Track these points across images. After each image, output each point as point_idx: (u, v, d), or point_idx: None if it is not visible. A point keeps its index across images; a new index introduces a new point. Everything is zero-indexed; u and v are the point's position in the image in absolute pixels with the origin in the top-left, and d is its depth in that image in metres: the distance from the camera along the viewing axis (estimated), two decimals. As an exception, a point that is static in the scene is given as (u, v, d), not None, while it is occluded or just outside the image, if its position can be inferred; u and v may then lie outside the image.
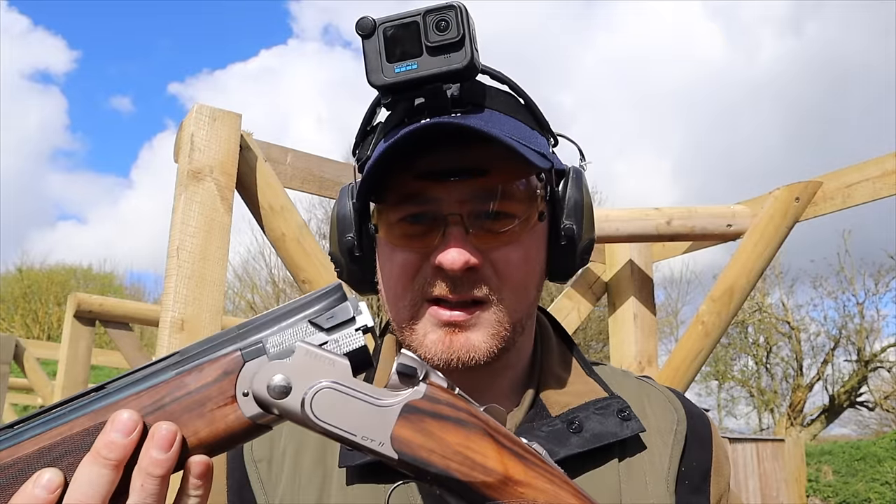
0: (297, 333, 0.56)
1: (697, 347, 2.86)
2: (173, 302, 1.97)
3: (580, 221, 0.79)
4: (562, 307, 3.32)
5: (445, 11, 0.70)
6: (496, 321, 0.75)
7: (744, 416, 20.36)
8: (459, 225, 0.73)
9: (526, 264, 0.77)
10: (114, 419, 0.52)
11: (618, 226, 2.79)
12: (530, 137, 0.77)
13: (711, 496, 0.81)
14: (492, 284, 0.74)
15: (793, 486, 13.37)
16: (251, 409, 0.55)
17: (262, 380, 0.55)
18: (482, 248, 0.74)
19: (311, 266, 2.27)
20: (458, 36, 0.69)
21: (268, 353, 0.55)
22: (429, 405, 0.55)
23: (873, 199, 2.61)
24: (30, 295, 19.17)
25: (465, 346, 0.74)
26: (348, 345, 0.56)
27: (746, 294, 2.88)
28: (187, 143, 2.08)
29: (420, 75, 0.71)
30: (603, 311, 10.81)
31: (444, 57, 0.70)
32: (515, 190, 0.74)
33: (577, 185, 0.80)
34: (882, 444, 14.20)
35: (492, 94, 0.77)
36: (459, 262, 0.71)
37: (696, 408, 0.86)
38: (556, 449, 0.74)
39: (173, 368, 0.56)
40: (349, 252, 0.82)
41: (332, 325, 0.56)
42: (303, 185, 2.44)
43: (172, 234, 2.04)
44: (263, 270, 18.51)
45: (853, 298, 18.45)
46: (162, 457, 0.52)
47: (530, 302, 0.79)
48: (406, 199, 0.75)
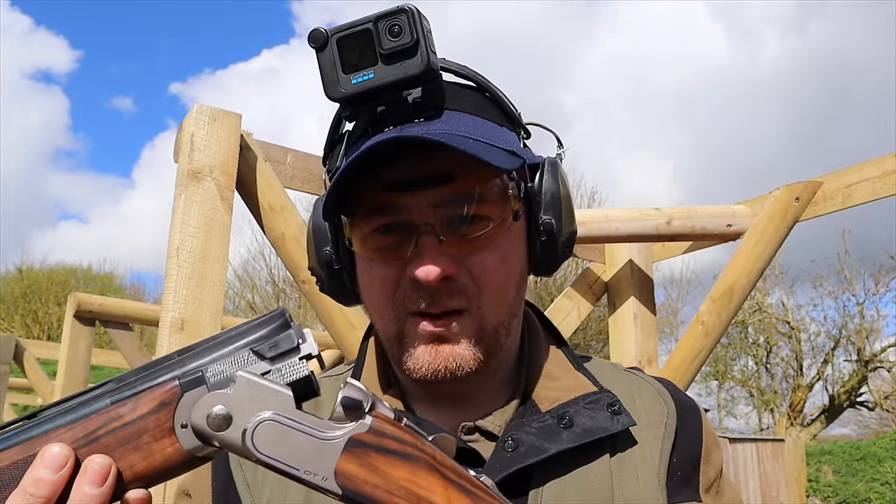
0: (238, 362, 0.54)
1: (697, 347, 2.87)
2: (173, 302, 1.98)
3: (558, 214, 0.78)
4: (562, 307, 3.32)
5: (397, 16, 0.68)
6: (479, 328, 0.74)
7: (744, 416, 20.39)
8: (432, 234, 0.71)
9: (503, 266, 0.75)
10: (43, 454, 0.50)
11: (618, 226, 2.79)
12: (498, 135, 0.76)
13: (700, 485, 0.81)
14: (469, 292, 0.73)
15: (793, 486, 13.37)
16: (190, 441, 0.53)
17: (202, 411, 0.52)
18: (457, 256, 0.72)
19: (311, 266, 2.27)
20: (412, 41, 0.68)
21: (207, 383, 0.53)
22: (374, 439, 0.53)
23: (873, 199, 2.61)
24: (30, 295, 19.17)
25: (451, 356, 0.73)
26: (292, 374, 0.54)
27: (746, 294, 2.88)
28: (187, 143, 2.08)
29: (377, 84, 0.69)
30: (603, 311, 10.81)
31: (399, 64, 0.68)
32: (486, 193, 0.73)
33: (553, 176, 0.79)
34: (882, 444, 14.20)
35: (455, 94, 0.76)
36: (434, 274, 0.70)
37: (686, 398, 0.86)
38: (547, 445, 0.73)
39: (109, 396, 0.53)
40: (328, 265, 0.81)
41: (274, 353, 0.54)
42: (303, 185, 2.44)
43: (172, 234, 2.04)
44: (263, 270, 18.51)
45: (853, 298, 18.47)
46: (94, 492, 0.50)
47: (511, 303, 0.78)
48: (375, 212, 0.74)
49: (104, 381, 0.55)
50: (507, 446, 0.74)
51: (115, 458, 0.51)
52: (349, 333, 2.25)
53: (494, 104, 0.79)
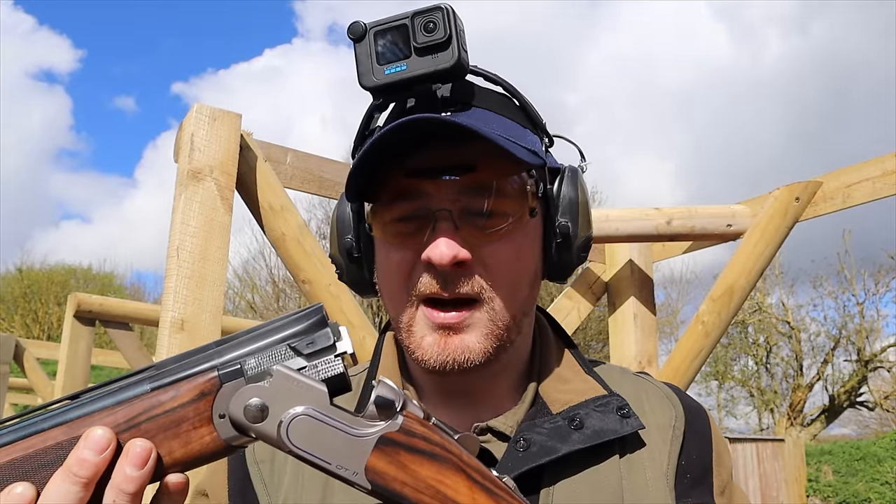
0: (275, 356, 0.56)
1: (697, 347, 2.87)
2: (173, 302, 1.98)
3: (575, 219, 0.79)
4: (562, 307, 3.32)
5: (433, 13, 0.72)
6: (489, 320, 0.75)
7: (744, 416, 20.38)
8: (449, 221, 0.73)
9: (518, 261, 0.77)
10: (87, 436, 0.52)
11: (618, 226, 2.79)
12: (521, 135, 0.78)
13: (715, 487, 0.82)
14: (483, 282, 0.74)
15: (793, 486, 13.37)
16: (227, 431, 0.55)
17: (239, 403, 0.54)
18: (472, 245, 0.74)
19: (311, 266, 2.27)
20: (445, 36, 0.71)
21: (245, 376, 0.55)
22: (404, 438, 0.55)
23: (873, 199, 2.61)
24: (30, 295, 19.17)
25: (460, 347, 0.74)
26: (327, 371, 0.56)
27: (746, 294, 2.88)
28: (187, 143, 2.08)
29: (409, 76, 0.72)
30: (603, 311, 10.81)
31: (431, 57, 0.72)
32: (505, 186, 0.74)
33: (573, 182, 0.80)
34: (882, 444, 14.20)
35: (482, 93, 0.78)
36: (448, 256, 0.71)
37: (693, 402, 0.87)
38: (558, 445, 0.74)
39: (149, 382, 0.55)
40: (348, 253, 0.83)
41: (311, 350, 0.56)
42: (303, 185, 2.44)
43: (172, 234, 2.04)
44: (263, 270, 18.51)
45: (853, 298, 18.47)
46: (135, 474, 0.52)
47: (524, 300, 0.79)
48: (397, 198, 0.76)
49: (143, 367, 0.57)
50: (519, 446, 0.75)
51: (155, 444, 0.53)
52: (349, 333, 2.24)
53: (520, 108, 0.81)
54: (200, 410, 0.54)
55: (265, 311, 18.01)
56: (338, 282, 0.89)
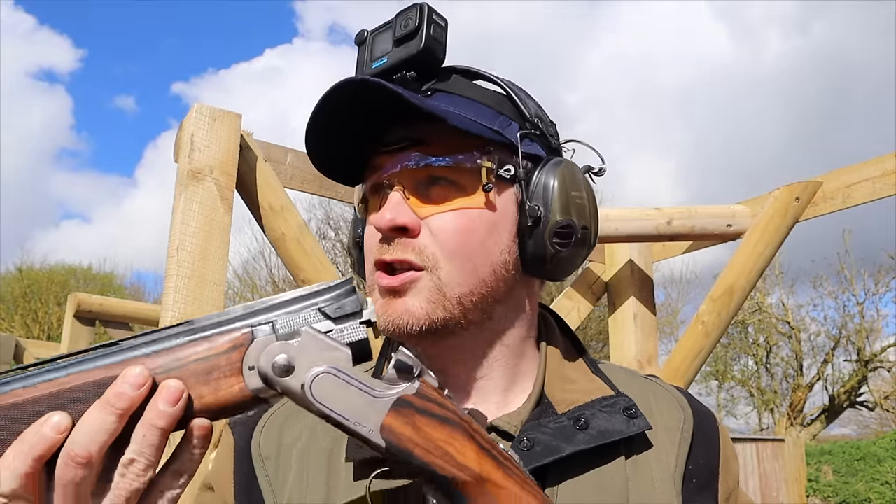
0: (305, 318, 0.59)
1: (697, 347, 2.87)
2: (173, 302, 1.98)
3: (547, 204, 0.79)
4: (562, 307, 3.32)
5: (411, 10, 0.80)
6: (435, 288, 0.76)
7: (744, 416, 20.38)
8: (398, 190, 0.77)
9: (467, 234, 0.76)
10: (125, 373, 0.55)
11: (618, 226, 2.79)
12: (490, 117, 0.79)
13: (720, 494, 0.81)
14: (427, 251, 0.76)
15: (793, 486, 13.37)
16: (255, 383, 0.58)
17: (269, 357, 0.58)
18: (423, 216, 0.77)
19: (311, 266, 2.27)
20: (415, 25, 0.78)
21: (276, 333, 0.59)
22: (419, 401, 0.59)
23: (873, 199, 2.61)
24: (30, 295, 19.16)
25: (402, 310, 0.76)
26: (352, 336, 0.59)
27: (746, 294, 2.88)
28: (187, 143, 2.08)
29: (387, 65, 0.80)
30: (603, 311, 10.81)
31: (404, 47, 0.79)
32: (456, 160, 0.77)
33: (552, 171, 0.80)
34: (882, 444, 14.20)
35: (461, 83, 0.82)
36: (386, 220, 0.75)
37: (702, 406, 0.86)
38: (563, 445, 0.74)
39: (185, 335, 0.59)
40: (357, 245, 0.86)
41: (339, 315, 0.60)
42: (303, 185, 2.45)
43: (172, 234, 2.04)
44: (263, 270, 18.51)
45: (853, 298, 18.46)
46: (168, 410, 0.54)
47: (483, 279, 0.77)
48: (368, 174, 0.82)
49: (180, 322, 0.60)
50: (523, 445, 0.75)
51: (187, 388, 0.57)
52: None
53: (506, 99, 0.83)
54: (232, 361, 0.58)
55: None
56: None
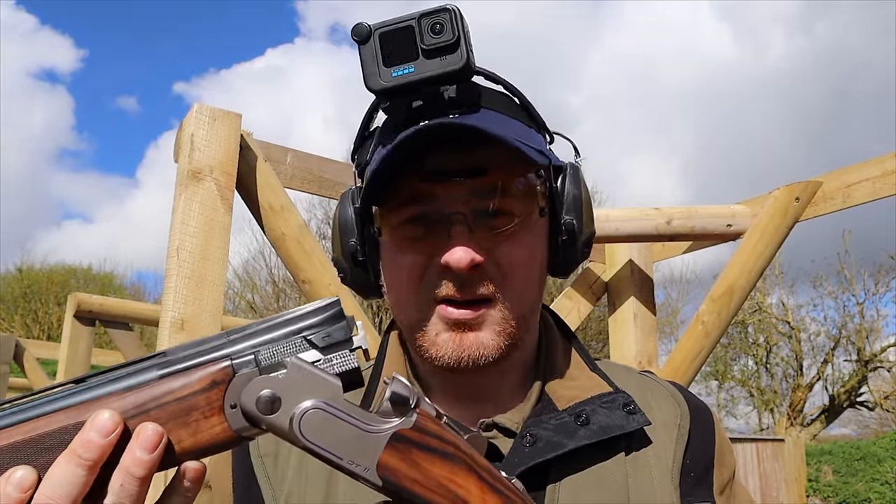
0: (290, 348, 0.55)
1: (697, 347, 2.87)
2: (173, 302, 1.98)
3: (580, 216, 0.81)
4: (562, 307, 3.32)
5: (440, 14, 0.71)
6: (502, 318, 0.76)
7: (744, 416, 20.38)
8: (463, 224, 0.74)
9: (529, 261, 0.78)
10: (94, 419, 0.51)
11: (618, 226, 2.79)
12: (528, 135, 0.79)
13: (715, 487, 0.82)
14: (497, 282, 0.75)
15: (793, 486, 13.38)
16: (238, 422, 0.54)
17: (252, 393, 0.53)
18: (485, 247, 0.74)
19: (311, 266, 2.27)
20: (454, 38, 0.70)
21: (259, 366, 0.54)
22: (417, 436, 0.55)
23: (873, 199, 2.61)
24: (30, 295, 19.16)
25: (475, 343, 0.75)
26: (342, 365, 0.55)
27: (746, 294, 2.88)
28: (187, 143, 2.08)
29: (417, 78, 0.72)
30: (603, 311, 10.81)
31: (440, 59, 0.71)
32: (516, 187, 0.75)
33: (575, 180, 0.81)
34: (882, 444, 14.20)
35: (488, 94, 0.78)
36: (466, 261, 0.72)
37: (698, 400, 0.87)
38: (565, 441, 0.75)
39: (158, 368, 0.54)
40: (352, 256, 0.83)
41: (327, 343, 0.55)
42: (303, 185, 2.45)
43: (172, 234, 2.04)
44: (263, 270, 18.51)
45: (853, 298, 18.46)
46: (146, 457, 0.51)
47: (534, 298, 0.80)
48: (409, 202, 0.76)
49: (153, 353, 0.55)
50: (526, 442, 0.75)
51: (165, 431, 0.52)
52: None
53: (523, 108, 0.82)
54: (212, 400, 0.53)
55: (265, 311, 18.00)
56: (338, 282, 0.89)
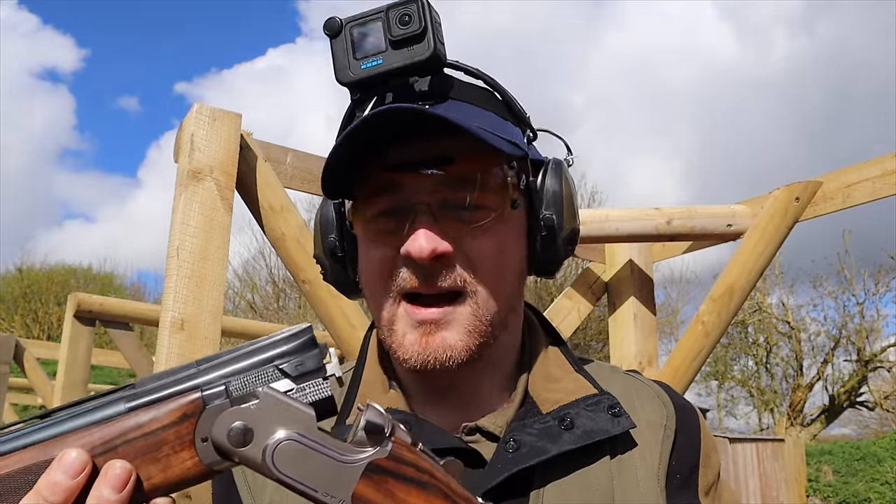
0: (262, 377, 0.53)
1: (697, 347, 2.86)
2: (173, 302, 1.97)
3: (560, 211, 0.78)
4: (562, 307, 3.32)
5: (407, 6, 0.71)
6: (472, 315, 0.73)
7: (744, 416, 20.39)
8: (428, 214, 0.72)
9: (501, 254, 0.75)
10: (61, 458, 0.49)
11: (618, 226, 2.79)
12: (502, 127, 0.77)
13: (700, 488, 0.81)
14: (465, 275, 0.73)
15: (793, 486, 13.37)
16: (209, 455, 0.52)
17: (223, 425, 0.52)
18: (453, 238, 0.72)
19: (311, 266, 2.27)
20: (420, 28, 0.70)
21: (230, 397, 0.52)
22: (393, 465, 0.54)
23: (873, 199, 2.61)
24: (30, 295, 19.15)
25: (441, 346, 0.73)
26: (315, 394, 0.54)
27: (746, 294, 2.88)
28: (187, 143, 2.08)
29: (385, 69, 0.72)
30: (603, 311, 10.81)
31: (407, 50, 0.71)
32: (485, 178, 0.74)
33: (556, 175, 0.79)
34: (882, 444, 14.19)
35: (461, 86, 0.77)
36: (427, 250, 0.70)
37: (684, 401, 0.86)
38: (548, 446, 0.73)
39: (126, 402, 0.52)
40: (332, 253, 0.82)
41: (299, 372, 0.54)
42: (303, 185, 2.44)
43: (172, 234, 2.04)
44: (263, 270, 18.51)
45: (853, 298, 18.46)
46: (114, 497, 0.49)
47: (509, 294, 0.77)
48: (377, 193, 0.75)
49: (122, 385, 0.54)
50: (509, 447, 0.74)
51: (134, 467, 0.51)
52: (349, 333, 2.24)
53: (502, 102, 0.80)
54: (182, 434, 0.52)
55: (265, 311, 18.01)
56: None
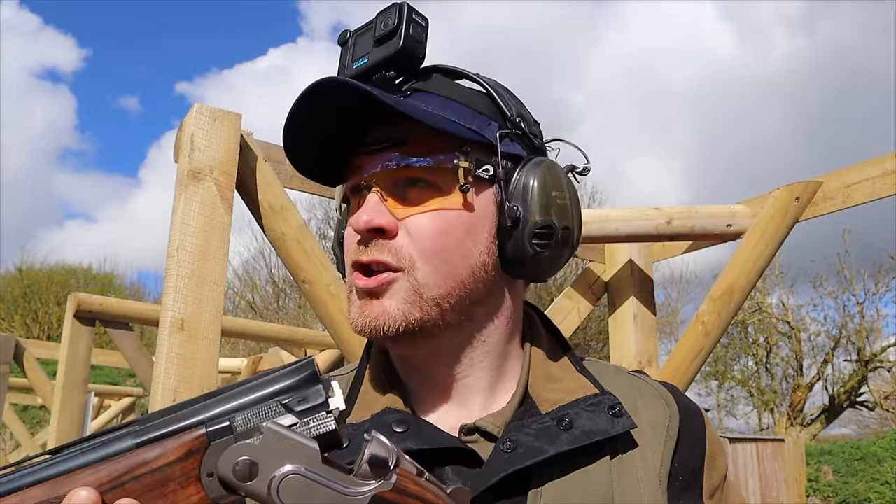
0: (265, 413, 0.55)
1: (697, 347, 2.87)
2: (173, 302, 1.98)
3: (526, 204, 0.78)
4: (562, 307, 3.32)
5: (390, 10, 0.80)
6: (412, 290, 0.75)
7: (744, 416, 20.37)
8: (376, 191, 0.77)
9: (444, 236, 0.76)
10: (71, 498, 0.50)
11: (618, 226, 2.79)
12: (468, 117, 0.79)
13: (704, 491, 0.80)
14: (404, 252, 0.76)
15: (793, 486, 13.37)
16: (215, 490, 0.53)
17: (228, 461, 0.53)
18: (399, 216, 0.77)
19: (311, 266, 2.27)
20: (394, 25, 0.78)
21: (234, 433, 0.54)
22: (397, 497, 0.54)
23: (873, 199, 2.61)
24: (30, 295, 19.16)
25: (379, 312, 0.75)
26: (319, 428, 0.55)
27: (746, 294, 2.88)
28: (187, 143, 2.08)
29: (367, 65, 0.80)
30: (603, 311, 10.81)
31: (384, 46, 0.79)
32: (433, 160, 0.77)
33: (533, 171, 0.79)
34: (882, 444, 14.19)
35: (442, 82, 0.81)
36: (363, 221, 0.75)
37: (689, 402, 0.85)
38: (546, 446, 0.73)
39: (133, 437, 0.54)
40: (340, 243, 0.86)
41: (303, 407, 0.55)
42: (303, 185, 2.45)
43: (172, 234, 2.04)
44: (263, 270, 18.53)
45: (853, 298, 18.46)
46: None
47: (464, 282, 0.77)
48: (348, 176, 0.82)
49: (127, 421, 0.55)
50: (506, 447, 0.74)
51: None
52: (349, 333, 2.24)
53: (487, 99, 0.82)
54: (188, 470, 0.53)
55: (265, 311, 18.02)
56: (338, 282, 0.91)
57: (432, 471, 0.73)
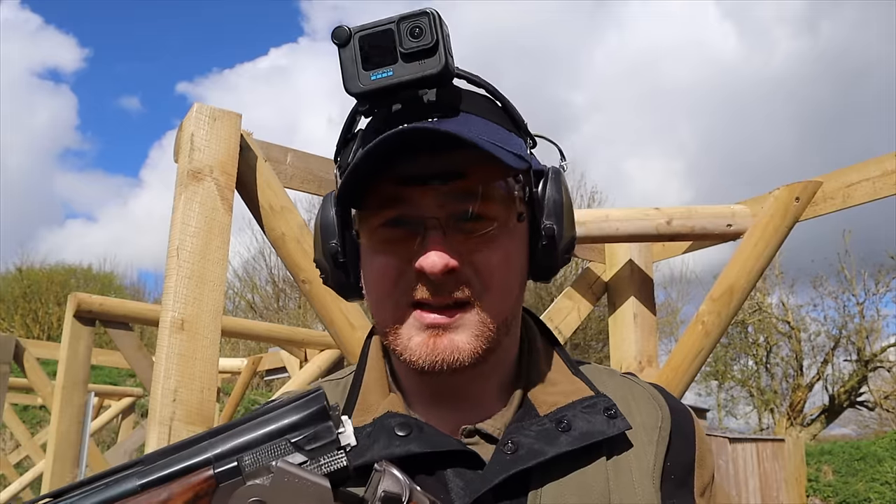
0: (275, 451, 0.53)
1: (697, 347, 2.87)
2: (173, 302, 1.98)
3: (560, 220, 0.80)
4: (562, 307, 3.32)
5: (419, 18, 0.71)
6: (479, 322, 0.75)
7: (744, 416, 20.38)
8: (438, 229, 0.73)
9: (506, 266, 0.77)
10: None
11: (618, 226, 2.79)
12: (507, 139, 0.78)
13: (696, 489, 0.82)
14: (473, 287, 0.75)
15: (793, 486, 13.38)
16: None
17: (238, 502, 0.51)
18: (461, 251, 0.74)
19: (311, 266, 2.27)
20: (432, 42, 0.70)
21: (243, 473, 0.52)
22: None
23: (873, 199, 2.61)
24: (30, 295, 19.16)
25: (450, 347, 0.74)
26: (329, 465, 0.53)
27: (746, 294, 2.88)
28: (187, 143, 2.08)
29: (395, 82, 0.71)
30: (603, 311, 10.82)
31: (418, 63, 0.71)
32: (493, 192, 0.75)
33: (556, 184, 0.81)
34: (882, 444, 14.19)
35: (468, 98, 0.78)
36: (440, 266, 0.72)
37: (679, 403, 0.87)
38: (546, 448, 0.74)
39: (138, 477, 0.52)
40: (333, 258, 0.83)
41: (314, 446, 0.53)
42: (303, 185, 2.45)
43: (172, 234, 2.04)
44: (263, 270, 18.54)
45: (853, 298, 18.46)
46: None
47: (513, 303, 0.79)
48: (386, 205, 0.76)
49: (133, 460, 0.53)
50: (507, 449, 0.75)
51: None
52: (349, 333, 2.25)
53: (504, 111, 0.81)
54: None
55: (265, 311, 18.03)
56: (338, 283, 0.89)
57: (434, 473, 0.74)
